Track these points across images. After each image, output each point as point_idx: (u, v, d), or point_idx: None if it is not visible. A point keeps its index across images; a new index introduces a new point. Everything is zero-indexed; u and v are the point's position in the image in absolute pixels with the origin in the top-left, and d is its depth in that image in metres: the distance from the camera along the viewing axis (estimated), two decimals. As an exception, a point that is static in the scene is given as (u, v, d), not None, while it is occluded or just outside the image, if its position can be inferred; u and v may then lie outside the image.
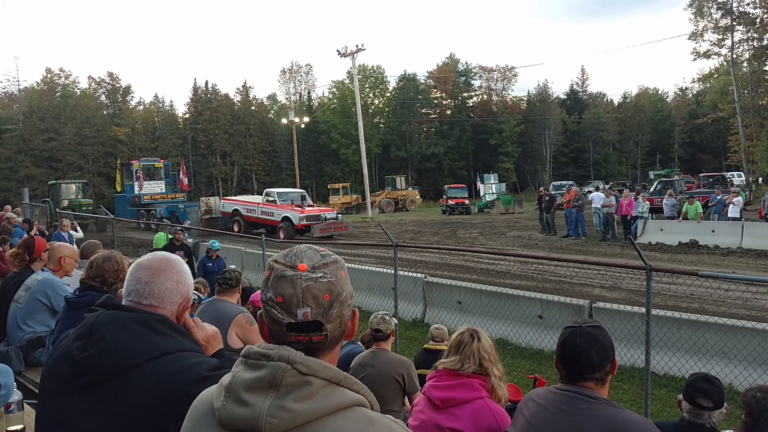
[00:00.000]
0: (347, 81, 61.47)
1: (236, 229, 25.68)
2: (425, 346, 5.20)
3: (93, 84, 60.66)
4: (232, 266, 6.19)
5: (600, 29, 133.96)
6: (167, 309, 1.69)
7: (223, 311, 4.39)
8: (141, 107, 66.47)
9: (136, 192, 31.75)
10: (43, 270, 4.36)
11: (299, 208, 24.36)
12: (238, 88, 68.24)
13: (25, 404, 2.65)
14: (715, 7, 41.88)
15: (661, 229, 19.05)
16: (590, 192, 26.63)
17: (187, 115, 64.28)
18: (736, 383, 6.12)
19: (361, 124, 39.63)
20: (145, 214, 30.00)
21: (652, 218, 20.19)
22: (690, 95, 76.54)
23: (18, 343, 3.97)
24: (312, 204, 27.60)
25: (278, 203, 25.21)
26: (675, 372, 6.67)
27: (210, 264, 10.73)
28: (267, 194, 26.69)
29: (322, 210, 26.47)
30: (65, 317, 3.23)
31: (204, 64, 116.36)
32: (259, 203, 26.31)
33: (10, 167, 51.48)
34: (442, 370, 2.80)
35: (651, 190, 27.94)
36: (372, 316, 4.47)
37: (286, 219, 23.98)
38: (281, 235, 22.68)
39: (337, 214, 26.67)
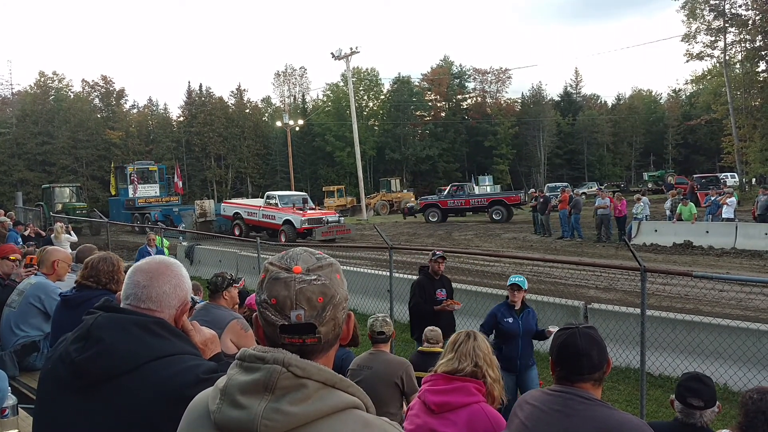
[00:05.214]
0: (341, 84, 61.57)
1: (237, 232, 25.49)
2: (420, 348, 5.19)
3: (86, 87, 60.52)
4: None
5: (593, 31, 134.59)
6: (165, 312, 1.69)
7: (216, 317, 4.33)
8: (135, 110, 66.21)
9: (131, 195, 31.59)
10: (36, 275, 4.33)
11: (301, 211, 24.10)
12: (232, 91, 68.36)
13: (19, 409, 2.64)
14: (708, 9, 42.09)
15: (656, 231, 19.13)
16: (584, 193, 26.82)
17: (182, 118, 64.11)
18: (731, 383, 6.15)
19: (355, 126, 39.63)
20: (140, 217, 29.88)
21: (646, 219, 20.29)
22: (683, 97, 76.97)
23: (12, 347, 3.96)
24: (314, 207, 27.29)
25: (279, 206, 24.93)
26: (670, 372, 6.69)
27: (510, 320, 5.58)
28: (268, 197, 26.32)
29: (324, 213, 26.12)
30: (61, 315, 3.19)
31: (198, 67, 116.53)
32: (260, 206, 26.04)
33: (3, 171, 51.27)
34: (438, 374, 2.78)
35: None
36: (371, 319, 4.43)
37: (287, 222, 23.79)
38: (282, 239, 22.50)
39: (340, 217, 26.27)
